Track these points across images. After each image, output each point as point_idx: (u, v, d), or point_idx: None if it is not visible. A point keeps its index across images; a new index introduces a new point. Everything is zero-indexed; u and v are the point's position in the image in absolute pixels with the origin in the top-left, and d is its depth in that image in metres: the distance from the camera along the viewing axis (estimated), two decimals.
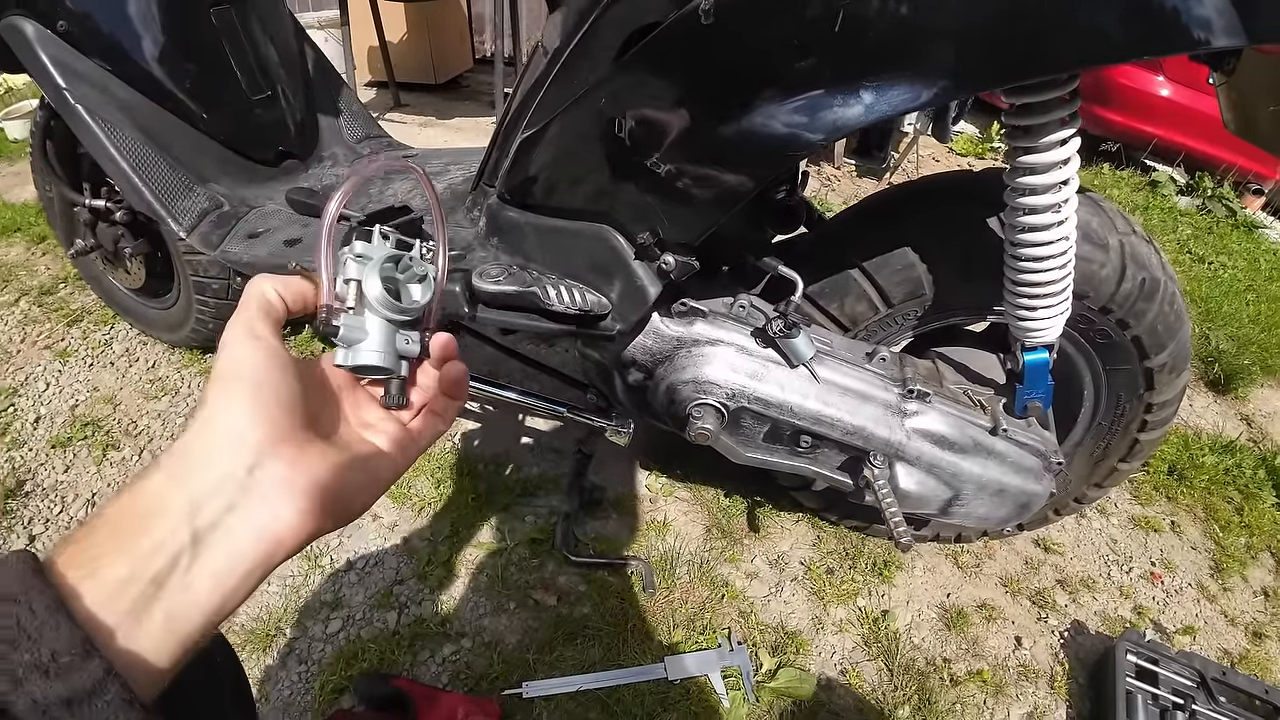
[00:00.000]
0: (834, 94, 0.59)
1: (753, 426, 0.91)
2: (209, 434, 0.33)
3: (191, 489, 0.31)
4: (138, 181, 1.11)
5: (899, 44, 0.58)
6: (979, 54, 0.58)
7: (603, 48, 0.70)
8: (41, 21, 1.13)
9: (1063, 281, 0.83)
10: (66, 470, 1.41)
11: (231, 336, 0.36)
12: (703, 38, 0.61)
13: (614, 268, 0.80)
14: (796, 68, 0.60)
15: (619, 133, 0.70)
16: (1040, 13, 0.58)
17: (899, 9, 0.57)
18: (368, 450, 0.40)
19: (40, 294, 1.94)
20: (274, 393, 0.34)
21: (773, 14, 0.58)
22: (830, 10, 0.57)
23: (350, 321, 0.40)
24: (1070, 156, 0.74)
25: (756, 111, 0.62)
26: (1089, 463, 1.14)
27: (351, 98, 1.41)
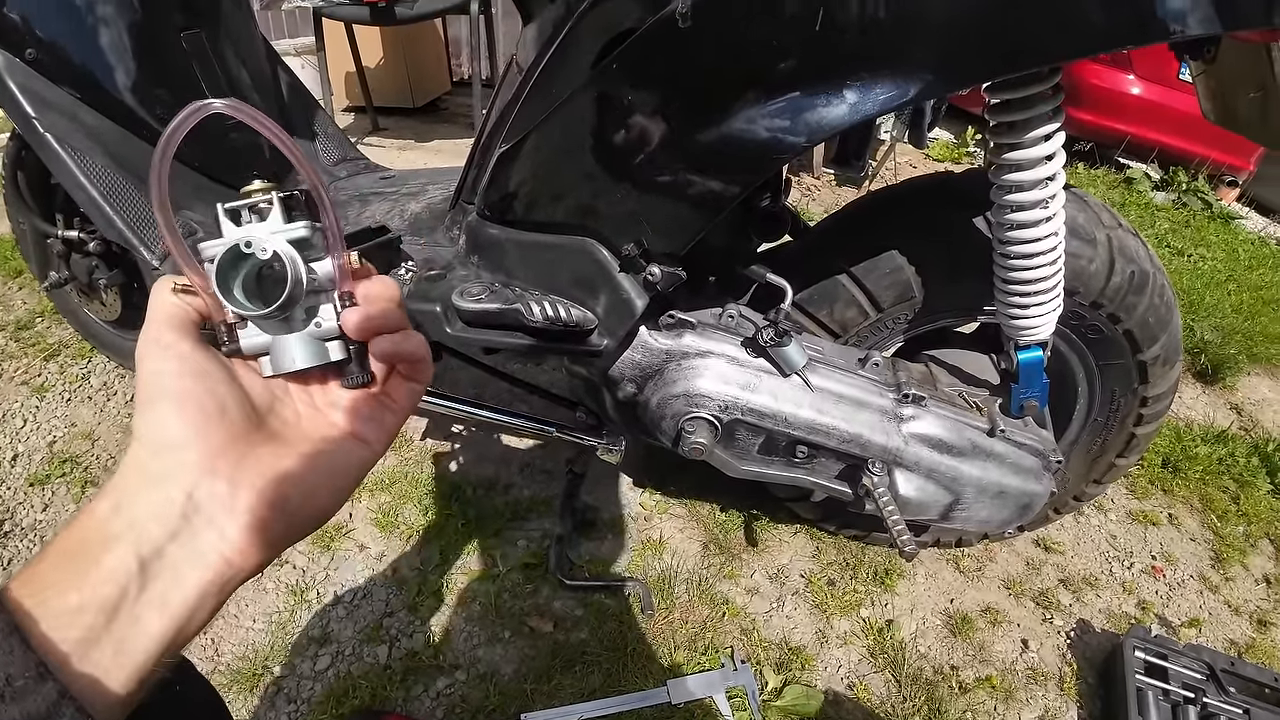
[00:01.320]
0: (816, 95, 0.58)
1: (747, 438, 0.89)
2: (143, 460, 0.31)
3: (133, 516, 0.30)
4: (109, 210, 1.09)
5: (881, 41, 0.57)
6: (961, 50, 0.58)
7: (578, 57, 0.69)
8: (9, 50, 1.11)
9: (1054, 277, 0.82)
10: (45, 509, 1.37)
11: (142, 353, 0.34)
12: (681, 41, 0.59)
13: (599, 281, 0.78)
14: (778, 69, 0.59)
15: (598, 142, 0.68)
16: (1021, 6, 0.58)
17: (880, 6, 0.57)
18: (331, 439, 0.36)
19: (16, 329, 1.89)
20: (199, 405, 0.32)
21: (752, 15, 0.57)
22: (810, 9, 0.56)
23: (248, 332, 0.35)
24: (1056, 151, 0.74)
25: (738, 115, 0.60)
26: (1087, 460, 1.13)
27: (326, 120, 1.39)
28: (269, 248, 0.35)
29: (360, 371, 0.37)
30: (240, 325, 0.35)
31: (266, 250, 0.35)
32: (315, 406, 0.38)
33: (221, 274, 0.34)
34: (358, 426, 0.37)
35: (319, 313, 0.37)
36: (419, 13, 2.18)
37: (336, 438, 0.37)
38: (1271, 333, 2.16)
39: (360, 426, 0.37)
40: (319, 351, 0.37)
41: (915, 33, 0.57)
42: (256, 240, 0.35)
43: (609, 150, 0.68)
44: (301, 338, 0.36)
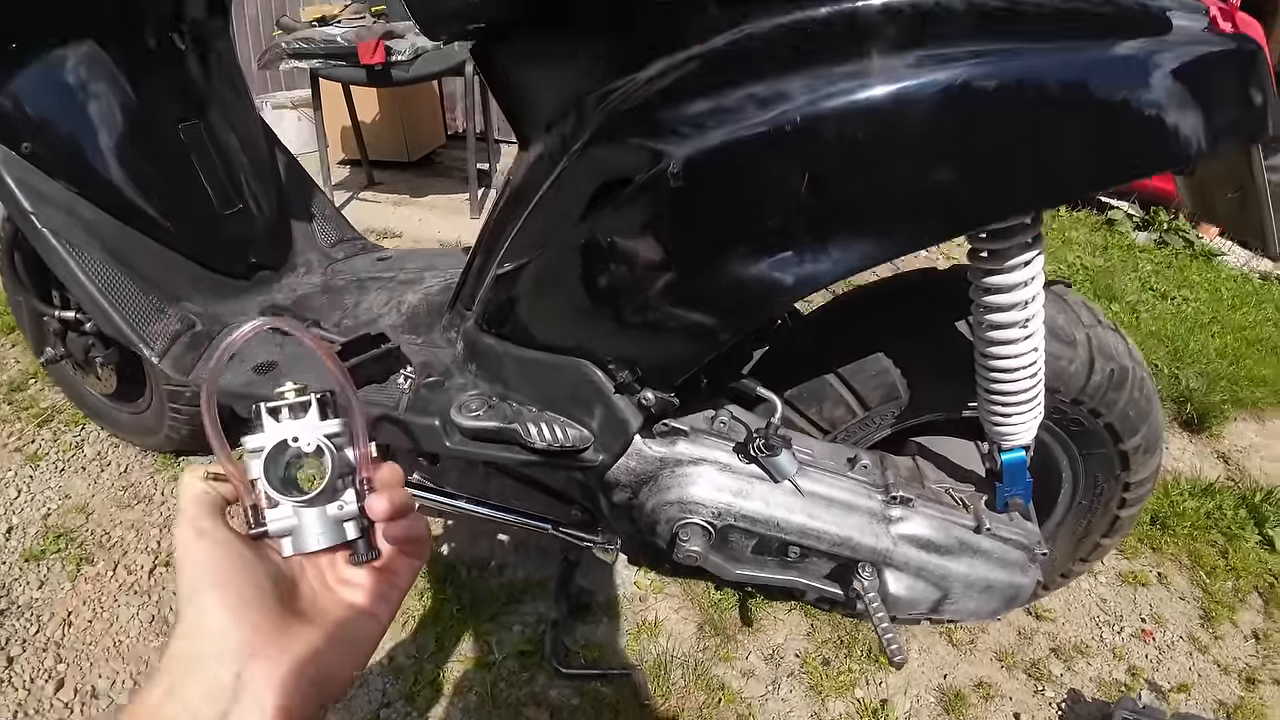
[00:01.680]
0: (804, 251, 0.61)
1: (740, 542, 0.91)
2: (193, 645, 0.34)
3: (187, 700, 0.33)
4: (108, 307, 1.10)
5: (864, 201, 0.60)
6: (945, 205, 0.60)
7: (574, 195, 0.71)
8: (5, 143, 1.11)
9: (1034, 389, 0.84)
10: (41, 586, 1.37)
11: (182, 540, 0.37)
12: (672, 197, 0.62)
13: (594, 400, 0.80)
14: (766, 226, 0.61)
15: (593, 280, 0.71)
16: (1003, 160, 0.61)
17: (862, 168, 0.59)
18: (348, 614, 0.40)
19: (10, 390, 1.90)
20: (240, 590, 0.36)
21: (740, 177, 0.60)
22: (796, 172, 0.58)
23: (275, 516, 0.40)
24: (1035, 275, 0.76)
25: (729, 268, 0.63)
26: (1072, 540, 1.15)
27: (324, 200, 1.41)
28: (313, 443, 0.41)
29: (368, 549, 0.42)
30: (267, 508, 0.40)
31: (311, 445, 0.41)
32: (327, 584, 0.41)
33: (272, 464, 0.40)
34: (367, 601, 0.41)
35: (341, 497, 0.41)
36: (415, 75, 2.22)
37: (351, 614, 0.40)
38: (1256, 375, 2.18)
39: (369, 601, 0.41)
40: (338, 532, 0.41)
41: (898, 192, 0.60)
42: (303, 436, 0.41)
43: (603, 289, 0.71)
44: (324, 520, 0.41)
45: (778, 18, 0.59)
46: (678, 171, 0.60)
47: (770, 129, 0.58)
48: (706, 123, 0.61)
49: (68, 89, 1.14)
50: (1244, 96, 0.62)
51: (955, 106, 0.58)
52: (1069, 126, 0.60)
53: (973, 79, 0.57)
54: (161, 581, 1.39)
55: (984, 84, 0.57)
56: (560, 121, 0.73)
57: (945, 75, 0.57)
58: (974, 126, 0.59)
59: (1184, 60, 0.59)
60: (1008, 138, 0.60)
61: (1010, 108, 0.59)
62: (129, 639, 1.29)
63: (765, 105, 0.60)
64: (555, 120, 0.73)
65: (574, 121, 0.70)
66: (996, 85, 0.58)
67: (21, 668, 1.21)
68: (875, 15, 0.58)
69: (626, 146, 0.64)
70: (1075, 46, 0.60)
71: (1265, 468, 1.89)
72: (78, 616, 1.31)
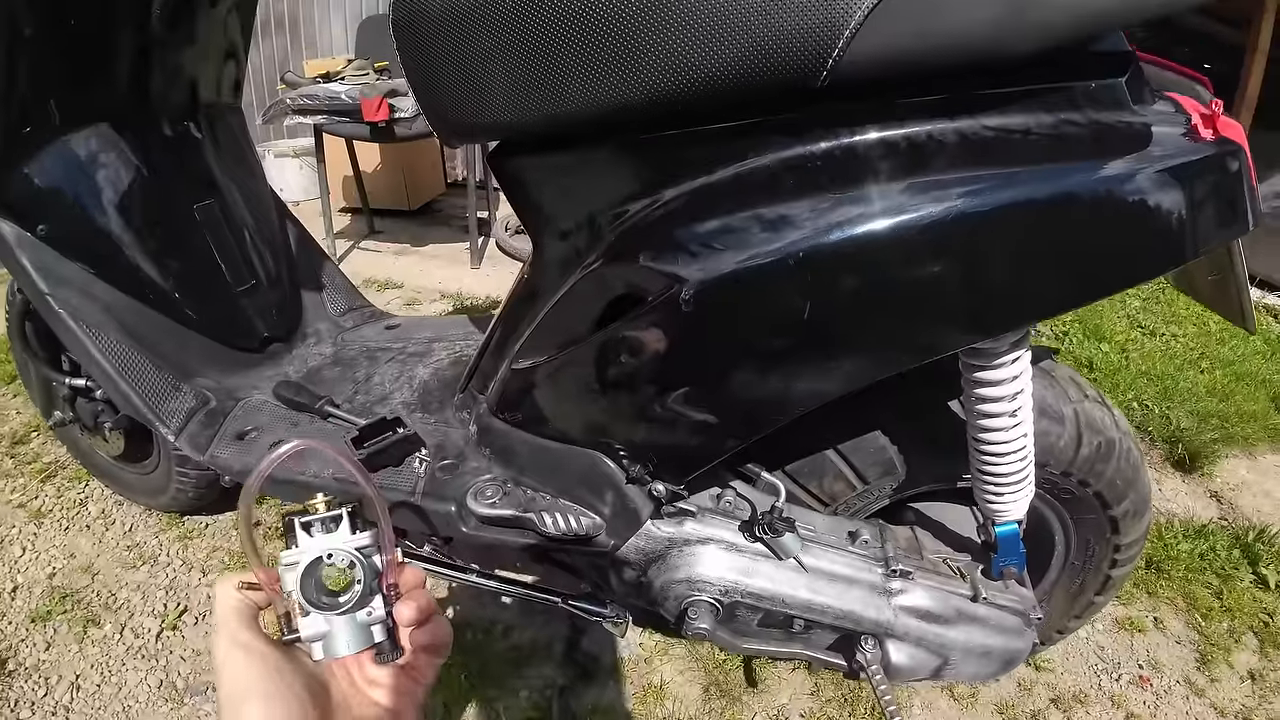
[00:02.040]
0: (810, 368, 0.65)
1: (746, 616, 0.94)
2: None
3: None
4: (124, 387, 1.13)
5: (864, 324, 0.64)
6: (944, 325, 0.64)
7: (588, 307, 0.75)
8: (21, 224, 1.13)
9: (1024, 469, 0.88)
10: (48, 648, 1.37)
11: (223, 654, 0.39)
12: (684, 320, 0.66)
13: (606, 489, 0.83)
14: (774, 347, 0.65)
15: (607, 387, 0.74)
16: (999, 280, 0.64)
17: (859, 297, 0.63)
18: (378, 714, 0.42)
19: (12, 443, 1.91)
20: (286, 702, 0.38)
21: (747, 306, 0.64)
22: (799, 302, 0.62)
23: (307, 623, 0.42)
24: (1022, 370, 0.80)
25: (739, 384, 0.67)
26: (1066, 598, 1.18)
27: (334, 270, 1.45)
28: (347, 558, 0.44)
29: (394, 649, 0.44)
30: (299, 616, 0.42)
31: (345, 560, 0.44)
32: (355, 684, 0.44)
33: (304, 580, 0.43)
34: (392, 701, 0.43)
35: (370, 603, 0.44)
36: (418, 132, 2.27)
37: (380, 713, 0.43)
38: (1246, 411, 2.22)
39: (394, 700, 0.43)
40: (366, 636, 0.44)
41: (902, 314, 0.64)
42: (338, 552, 0.44)
43: (617, 395, 0.75)
44: (353, 626, 0.43)
45: (779, 152, 0.63)
46: (689, 298, 0.64)
47: (776, 257, 0.61)
48: (716, 249, 0.65)
49: (83, 171, 1.17)
50: (1228, 196, 0.64)
51: (952, 231, 0.61)
52: (1060, 245, 0.63)
53: (967, 206, 0.60)
54: (169, 646, 1.40)
55: (978, 209, 0.60)
56: (574, 233, 0.77)
57: (940, 203, 0.60)
58: (970, 250, 0.62)
59: (1167, 171, 0.61)
60: (1003, 259, 0.63)
61: (1004, 230, 0.62)
62: (138, 704, 1.29)
63: (770, 234, 0.63)
64: (569, 231, 0.77)
65: (587, 236, 0.75)
66: (990, 210, 0.61)
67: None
68: (872, 149, 0.62)
69: (639, 268, 0.68)
70: (1063, 169, 0.63)
71: (1257, 505, 1.92)
72: (86, 680, 1.32)
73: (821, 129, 0.64)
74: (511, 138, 0.78)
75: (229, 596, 0.42)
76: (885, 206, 0.62)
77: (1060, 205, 0.62)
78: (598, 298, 0.73)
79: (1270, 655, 1.49)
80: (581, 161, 0.72)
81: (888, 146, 0.63)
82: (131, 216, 1.19)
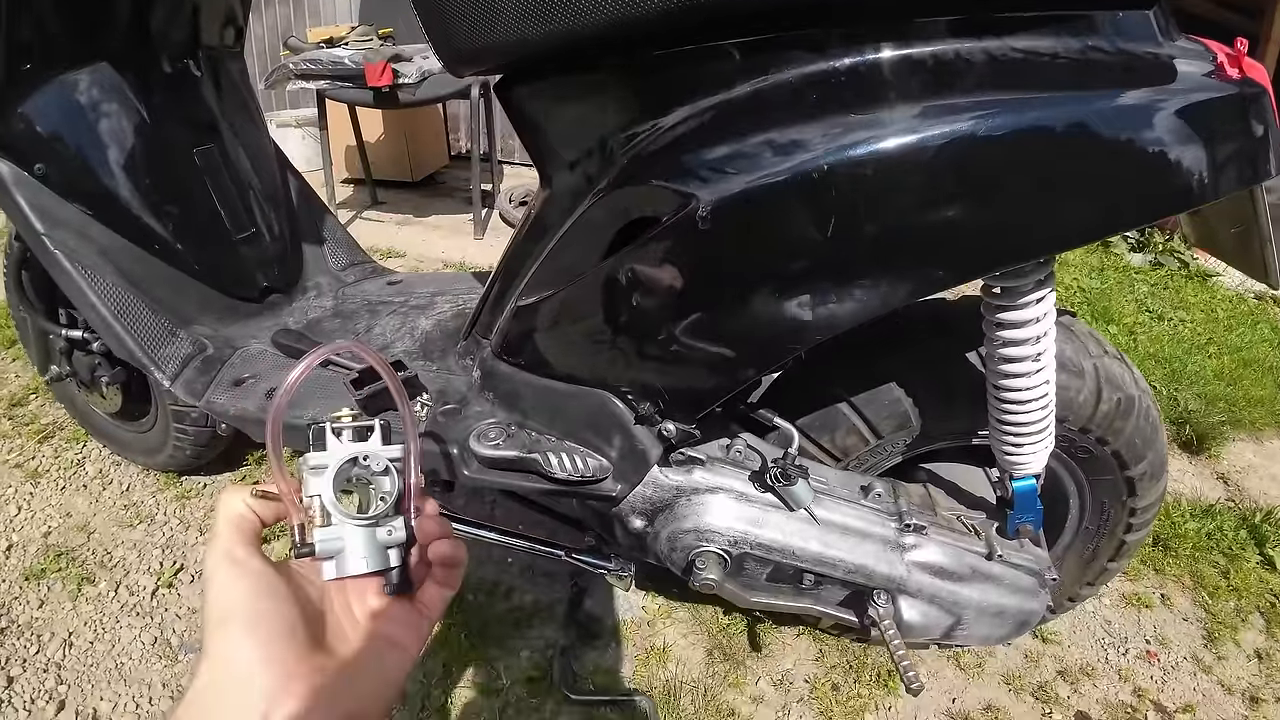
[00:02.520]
0: (829, 293, 0.62)
1: (755, 569, 0.92)
2: (218, 684, 0.33)
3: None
4: (120, 330, 1.10)
5: (891, 245, 0.61)
6: (967, 249, 0.62)
7: (597, 233, 0.72)
8: (18, 163, 1.11)
9: (1045, 419, 0.86)
10: (41, 606, 1.35)
11: (213, 566, 0.36)
12: (701, 240, 0.63)
13: (614, 431, 0.81)
14: (793, 270, 0.63)
15: (617, 318, 0.72)
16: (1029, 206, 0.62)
17: (890, 214, 0.61)
18: (377, 647, 0.39)
19: (10, 405, 1.89)
20: (272, 625, 0.34)
21: (769, 221, 0.61)
22: (825, 217, 0.60)
23: (325, 535, 0.39)
24: (1047, 310, 0.78)
25: (755, 308, 0.64)
26: (1079, 564, 1.16)
27: (334, 224, 1.42)
28: (383, 463, 0.41)
29: (404, 580, 0.41)
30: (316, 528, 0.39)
31: (380, 464, 0.41)
32: (354, 617, 0.40)
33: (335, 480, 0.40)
34: (396, 633, 0.40)
35: (390, 523, 0.41)
36: (422, 98, 2.24)
37: (380, 647, 0.39)
38: (1254, 395, 2.21)
39: (398, 633, 0.40)
40: (382, 558, 0.41)
41: (926, 236, 0.61)
42: (374, 455, 0.41)
43: (628, 326, 0.72)
44: (371, 544, 0.41)
45: (800, 68, 0.60)
46: (706, 215, 0.61)
47: (795, 176, 0.59)
48: (733, 168, 0.63)
49: (82, 111, 1.14)
50: (1249, 139, 0.63)
51: (972, 153, 0.60)
52: (1080, 174, 0.62)
53: (990, 128, 0.59)
54: (164, 603, 1.38)
55: (1000, 132, 0.59)
56: (584, 161, 0.74)
57: (962, 124, 0.59)
58: (989, 174, 0.60)
59: (1190, 107, 0.60)
60: (1022, 185, 0.61)
61: (1024, 156, 0.61)
62: (131, 661, 1.27)
63: (789, 152, 0.61)
64: (578, 159, 0.75)
65: (598, 162, 0.72)
66: (1012, 133, 0.59)
67: (21, 688, 1.19)
68: (898, 66, 0.60)
69: (653, 189, 0.65)
70: (1087, 96, 0.61)
71: (1264, 488, 1.91)
72: (79, 637, 1.30)
73: (845, 45, 0.61)
74: (519, 63, 0.74)
75: (233, 508, 0.39)
76: (908, 125, 0.60)
77: (1081, 133, 0.60)
78: (609, 223, 0.70)
79: (1277, 635, 1.47)
80: (592, 83, 0.70)
81: (913, 64, 0.61)
82: (130, 157, 1.17)
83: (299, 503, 0.40)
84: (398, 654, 0.40)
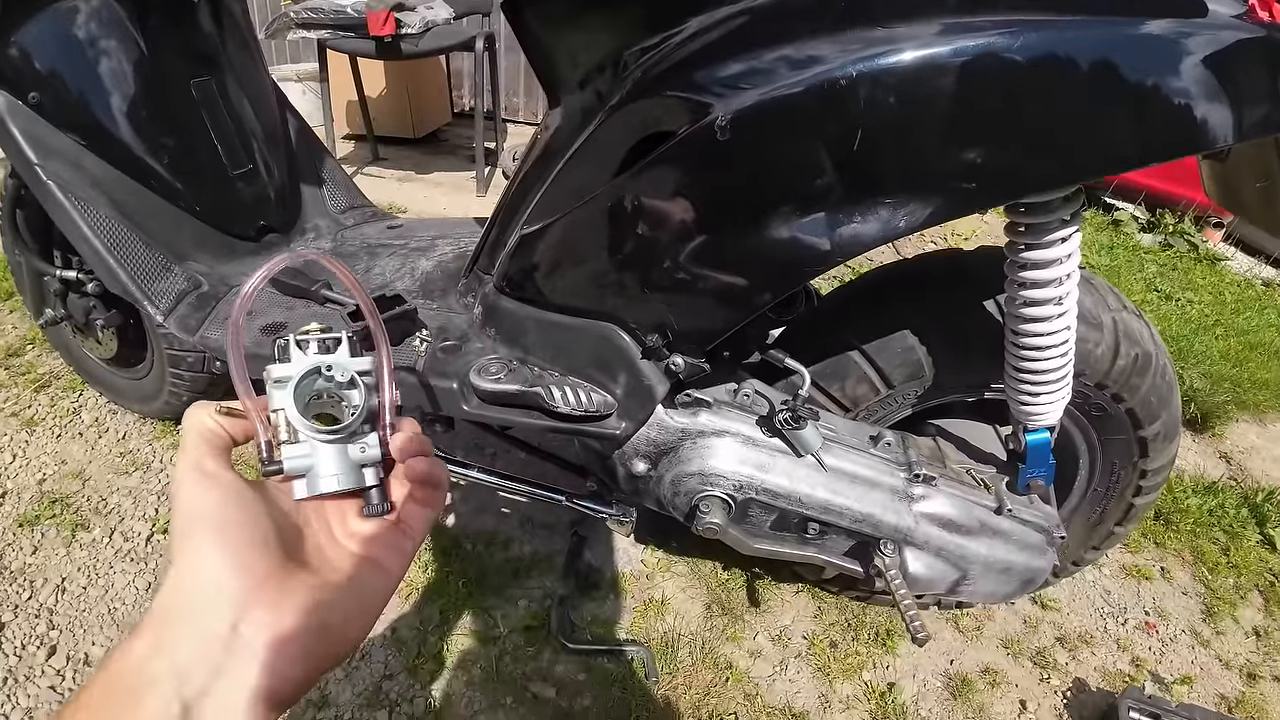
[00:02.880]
0: (852, 212, 0.59)
1: (760, 516, 0.90)
2: (184, 593, 0.31)
3: (175, 657, 0.29)
4: (113, 263, 1.07)
5: (915, 163, 0.58)
6: (994, 171, 0.59)
7: (608, 152, 0.69)
8: (11, 92, 1.08)
9: (1064, 368, 0.83)
10: (35, 552, 1.34)
11: (181, 478, 0.34)
12: (719, 153, 0.60)
13: (619, 366, 0.78)
14: (815, 184, 0.60)
15: (627, 240, 0.69)
16: (1053, 129, 0.60)
17: (915, 128, 0.58)
18: (357, 567, 0.37)
19: (7, 355, 1.86)
20: (241, 534, 0.33)
21: (792, 131, 0.58)
22: (849, 128, 0.57)
23: (292, 453, 0.37)
24: (1072, 251, 0.75)
25: (773, 227, 0.61)
26: (1086, 527, 1.15)
27: (334, 166, 1.38)
28: (348, 373, 0.39)
29: (383, 501, 0.39)
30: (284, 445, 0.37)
31: (345, 375, 0.39)
32: (334, 538, 0.38)
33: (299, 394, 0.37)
34: (378, 553, 0.38)
35: (364, 439, 0.39)
36: (424, 49, 2.18)
37: (360, 566, 0.37)
38: (1259, 378, 2.20)
39: (380, 554, 0.38)
40: (356, 476, 0.38)
41: (949, 155, 0.58)
42: (338, 365, 0.39)
43: (638, 249, 0.69)
44: (343, 461, 0.38)
45: None
46: (725, 125, 0.58)
47: (820, 85, 0.56)
48: (753, 78, 0.59)
49: (77, 39, 1.11)
50: (1275, 85, 0.61)
51: (994, 75, 0.57)
52: (1102, 101, 0.59)
53: (1013, 48, 0.56)
54: (159, 549, 1.37)
55: (1024, 54, 0.57)
56: (595, 78, 0.71)
57: (987, 42, 0.56)
58: (1013, 95, 0.58)
59: (1219, 45, 0.58)
60: (1045, 109, 0.59)
61: (1048, 79, 0.58)
62: (124, 606, 1.26)
63: (812, 63, 0.58)
64: (589, 77, 0.71)
65: (610, 78, 0.68)
66: (1037, 56, 0.57)
67: (12, 634, 1.18)
68: None
69: (669, 100, 0.62)
70: (1115, 22, 0.59)
71: (1266, 469, 1.90)
72: (72, 583, 1.29)
73: None
74: None
75: (201, 423, 0.36)
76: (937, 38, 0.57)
77: (1106, 60, 0.58)
78: (621, 140, 0.67)
79: (1276, 615, 1.47)
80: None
81: None
82: (126, 87, 1.13)
83: (266, 420, 0.37)
84: (380, 575, 0.37)
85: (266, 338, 1.01)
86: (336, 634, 0.34)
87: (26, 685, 1.10)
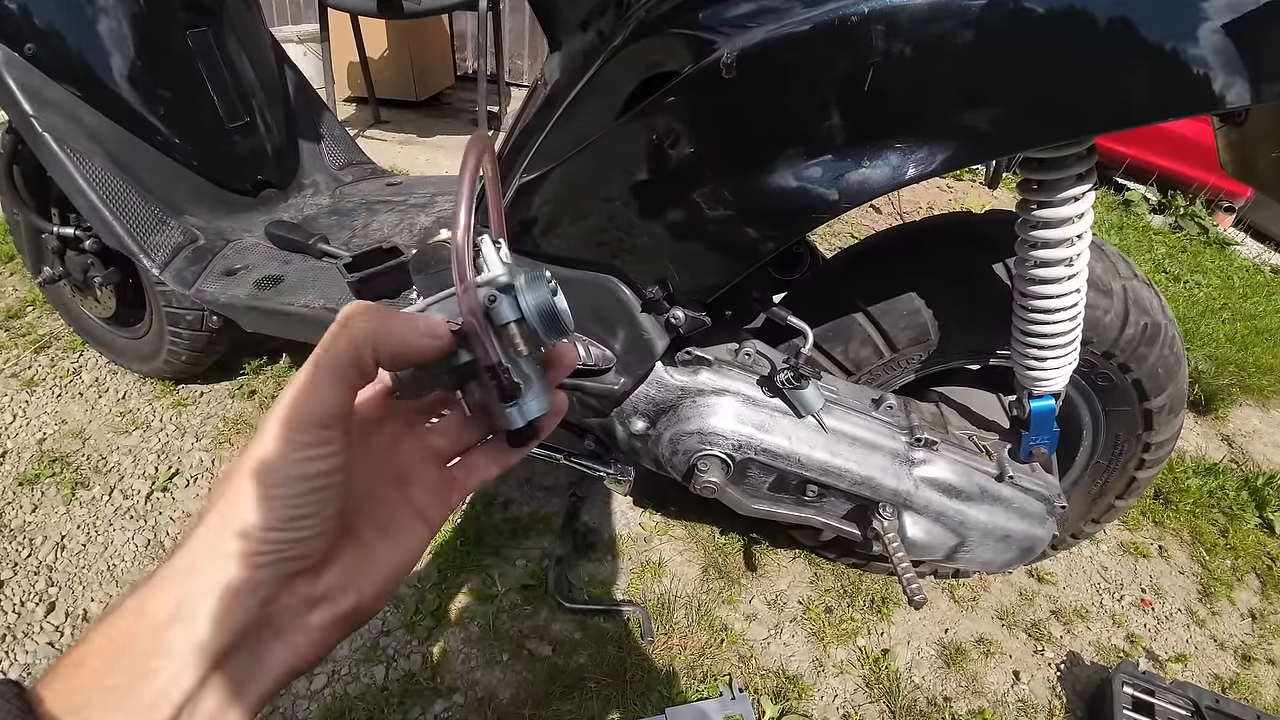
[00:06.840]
0: (860, 156, 0.58)
1: (758, 477, 0.89)
2: (219, 555, 0.27)
3: (196, 626, 0.26)
4: (108, 216, 1.06)
5: (928, 106, 0.56)
6: (1007, 118, 0.57)
7: (610, 94, 0.67)
8: (7, 44, 1.07)
9: (1073, 332, 0.82)
10: (34, 510, 1.34)
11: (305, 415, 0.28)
12: (724, 92, 0.58)
13: (619, 319, 0.77)
14: (823, 127, 0.58)
15: (629, 185, 0.67)
16: (1068, 80, 0.58)
17: (929, 71, 0.56)
18: (402, 524, 0.34)
19: (7, 317, 1.85)
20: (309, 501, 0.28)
21: (800, 70, 0.56)
22: (860, 68, 0.55)
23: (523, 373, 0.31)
24: (1085, 210, 0.73)
25: (778, 171, 0.60)
26: (1086, 500, 1.14)
27: (333, 122, 1.36)
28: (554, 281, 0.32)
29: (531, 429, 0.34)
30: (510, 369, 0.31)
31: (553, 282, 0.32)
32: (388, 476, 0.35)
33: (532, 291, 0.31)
34: (425, 503, 0.35)
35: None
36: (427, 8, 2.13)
37: (405, 521, 0.34)
38: (1264, 363, 2.18)
39: (427, 504, 0.35)
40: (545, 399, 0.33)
41: (962, 99, 0.56)
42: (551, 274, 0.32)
43: (640, 194, 0.67)
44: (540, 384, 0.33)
45: None
46: (731, 62, 0.56)
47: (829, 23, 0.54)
48: (761, 15, 0.57)
49: None
50: None
51: (1011, 18, 0.55)
52: (1121, 53, 0.57)
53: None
54: (158, 507, 1.37)
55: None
56: (597, 18, 0.68)
57: None
58: (1028, 41, 0.56)
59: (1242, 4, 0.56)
60: (1061, 56, 0.57)
61: (1066, 24, 0.56)
62: (124, 564, 1.27)
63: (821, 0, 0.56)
64: (591, 16, 0.69)
65: (612, 17, 0.66)
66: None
67: (11, 591, 1.18)
68: None
69: (673, 38, 0.60)
70: None
71: (1268, 454, 1.90)
72: (71, 540, 1.29)
73: None
74: None
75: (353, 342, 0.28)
76: None
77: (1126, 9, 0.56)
78: (623, 81, 0.64)
79: (1272, 598, 1.47)
80: None
81: None
82: (122, 38, 1.11)
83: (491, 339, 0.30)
84: (422, 527, 0.34)
85: (264, 291, 1.00)
86: (366, 602, 0.31)
87: (25, 641, 1.11)
